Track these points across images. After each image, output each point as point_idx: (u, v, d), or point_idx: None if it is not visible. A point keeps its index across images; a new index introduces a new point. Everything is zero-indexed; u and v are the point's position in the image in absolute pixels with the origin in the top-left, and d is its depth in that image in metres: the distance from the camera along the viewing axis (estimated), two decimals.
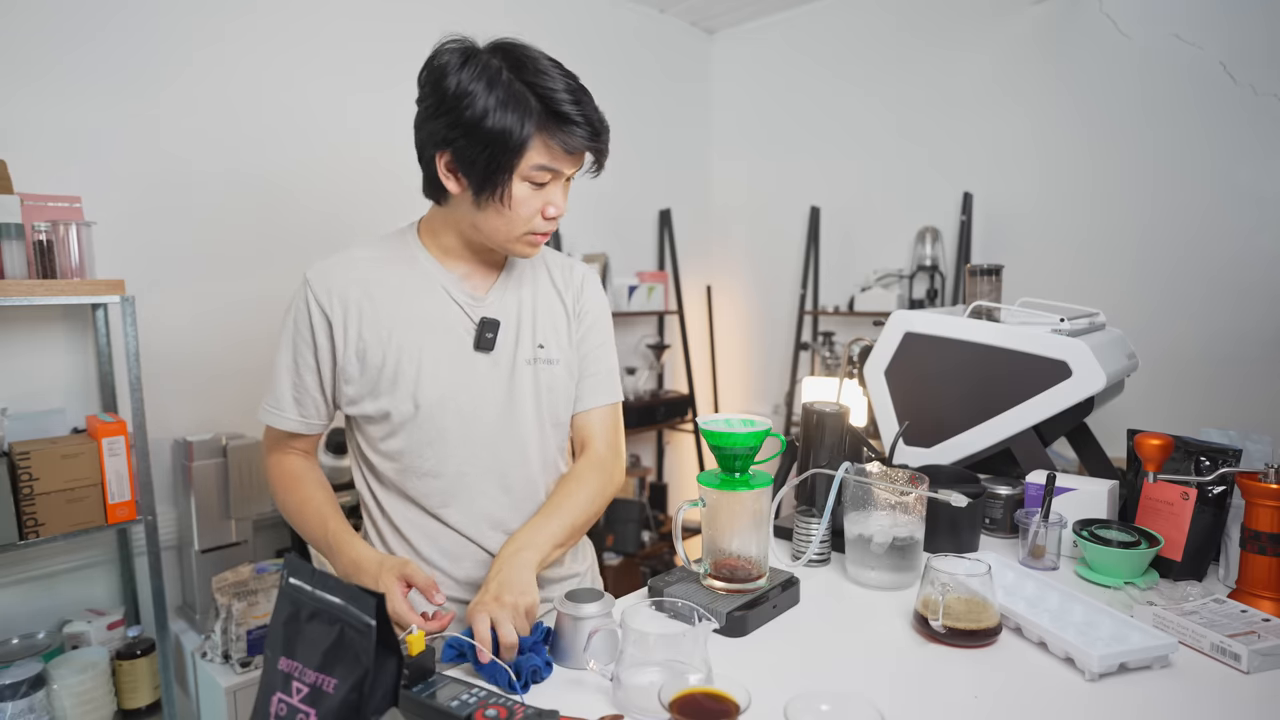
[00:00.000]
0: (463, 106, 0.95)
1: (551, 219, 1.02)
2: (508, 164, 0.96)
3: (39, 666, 1.61)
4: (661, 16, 3.28)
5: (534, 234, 1.02)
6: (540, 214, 1.00)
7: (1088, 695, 0.81)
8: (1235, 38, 2.22)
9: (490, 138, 0.94)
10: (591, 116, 0.98)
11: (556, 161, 0.98)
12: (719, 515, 0.99)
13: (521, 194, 0.98)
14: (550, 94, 0.95)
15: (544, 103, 0.95)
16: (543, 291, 1.13)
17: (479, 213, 1.01)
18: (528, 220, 1.00)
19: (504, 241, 1.03)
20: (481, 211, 1.00)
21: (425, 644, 0.76)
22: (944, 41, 2.82)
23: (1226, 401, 2.28)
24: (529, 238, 1.02)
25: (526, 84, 0.95)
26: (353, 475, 1.15)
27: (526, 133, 0.94)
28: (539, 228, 1.01)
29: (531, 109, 0.94)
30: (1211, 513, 1.11)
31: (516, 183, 0.97)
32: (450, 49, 1.00)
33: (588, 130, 0.97)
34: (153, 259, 1.99)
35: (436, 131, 0.99)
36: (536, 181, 0.98)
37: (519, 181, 0.97)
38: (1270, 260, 2.20)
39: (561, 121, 0.95)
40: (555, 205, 1.01)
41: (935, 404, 1.45)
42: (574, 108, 0.95)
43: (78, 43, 1.85)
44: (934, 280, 2.86)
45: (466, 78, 0.96)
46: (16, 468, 1.58)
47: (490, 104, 0.94)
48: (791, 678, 0.85)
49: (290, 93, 2.21)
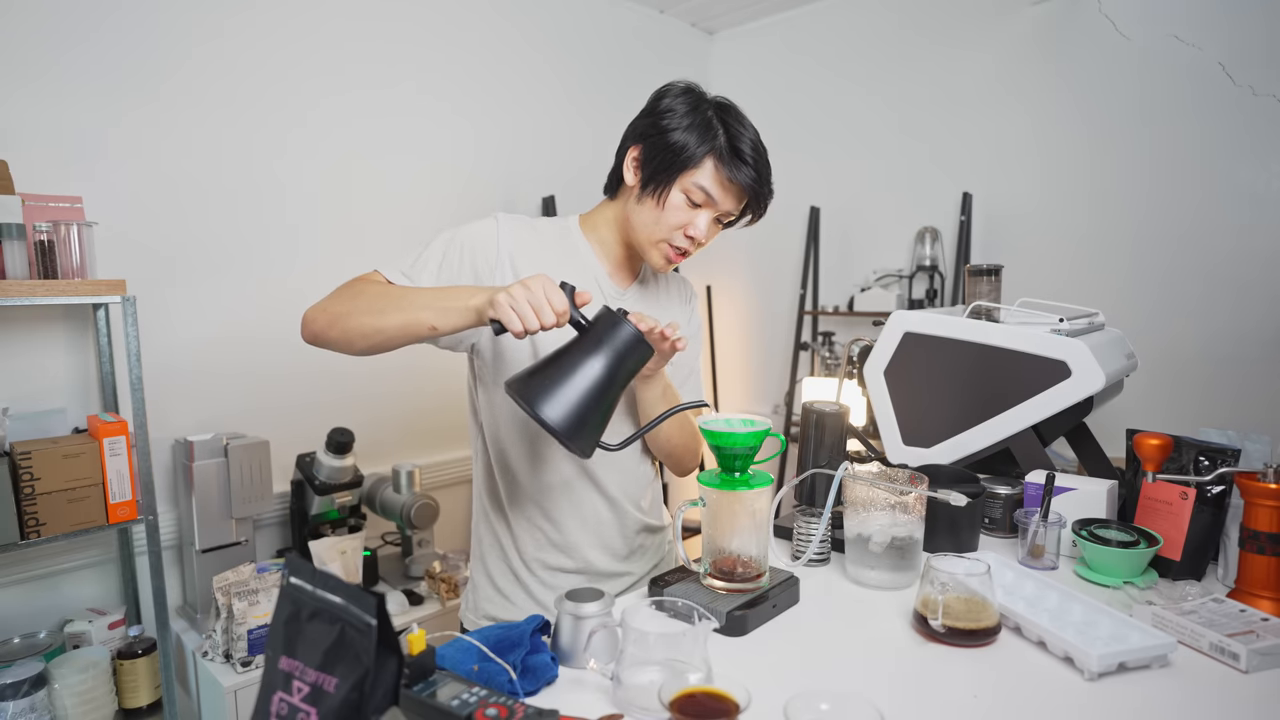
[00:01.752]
0: (663, 116, 1.11)
1: (690, 239, 1.12)
2: (677, 171, 1.09)
3: (40, 666, 1.61)
4: (661, 17, 3.29)
5: (671, 245, 1.13)
6: (683, 230, 1.11)
7: (1087, 694, 0.82)
8: (1234, 38, 2.22)
9: (673, 145, 1.09)
10: (762, 168, 1.12)
11: (716, 188, 1.09)
12: (719, 515, 0.99)
13: (676, 202, 1.10)
14: (737, 135, 1.09)
15: (728, 138, 1.09)
16: (668, 299, 1.28)
17: (638, 205, 1.13)
18: (671, 229, 1.11)
19: (645, 240, 1.14)
20: (640, 205, 1.12)
21: (425, 643, 0.76)
22: (943, 42, 2.83)
23: (1225, 401, 2.28)
24: (665, 248, 1.13)
25: (722, 121, 1.10)
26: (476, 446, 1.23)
27: (701, 152, 1.08)
28: (677, 241, 1.12)
29: (714, 137, 1.08)
30: (1210, 512, 1.11)
31: (676, 190, 1.09)
32: (681, 83, 1.15)
33: (754, 174, 1.10)
34: (154, 259, 2.00)
35: (639, 127, 1.14)
36: (693, 199, 1.10)
37: (678, 190, 1.09)
38: (1269, 260, 2.20)
39: (734, 156, 1.09)
40: (697, 228, 1.11)
41: (934, 404, 1.45)
42: (751, 153, 1.10)
43: (76, 41, 1.86)
44: (933, 280, 2.86)
45: (681, 101, 1.11)
46: (18, 467, 1.59)
47: (685, 122, 1.09)
48: (791, 677, 0.85)
49: (290, 91, 2.21)
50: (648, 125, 1.12)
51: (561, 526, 1.18)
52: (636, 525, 1.24)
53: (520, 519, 1.19)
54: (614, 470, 1.19)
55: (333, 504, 2.14)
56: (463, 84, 2.56)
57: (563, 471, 1.17)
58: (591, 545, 1.20)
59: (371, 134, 2.39)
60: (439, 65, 2.50)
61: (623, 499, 1.21)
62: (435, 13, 2.49)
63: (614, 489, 1.20)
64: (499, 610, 1.22)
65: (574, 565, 1.20)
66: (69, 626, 1.80)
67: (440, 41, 2.50)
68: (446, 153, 2.55)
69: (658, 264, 1.15)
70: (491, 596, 1.23)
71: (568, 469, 1.17)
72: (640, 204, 1.12)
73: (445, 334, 0.98)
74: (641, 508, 1.25)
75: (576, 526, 1.19)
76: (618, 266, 1.21)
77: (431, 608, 2.17)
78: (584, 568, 1.21)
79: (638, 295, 1.22)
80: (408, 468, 2.23)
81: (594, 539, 1.20)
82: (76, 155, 1.87)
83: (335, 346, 1.04)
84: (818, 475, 1.27)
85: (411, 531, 2.25)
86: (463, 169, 2.61)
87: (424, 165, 2.51)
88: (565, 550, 1.19)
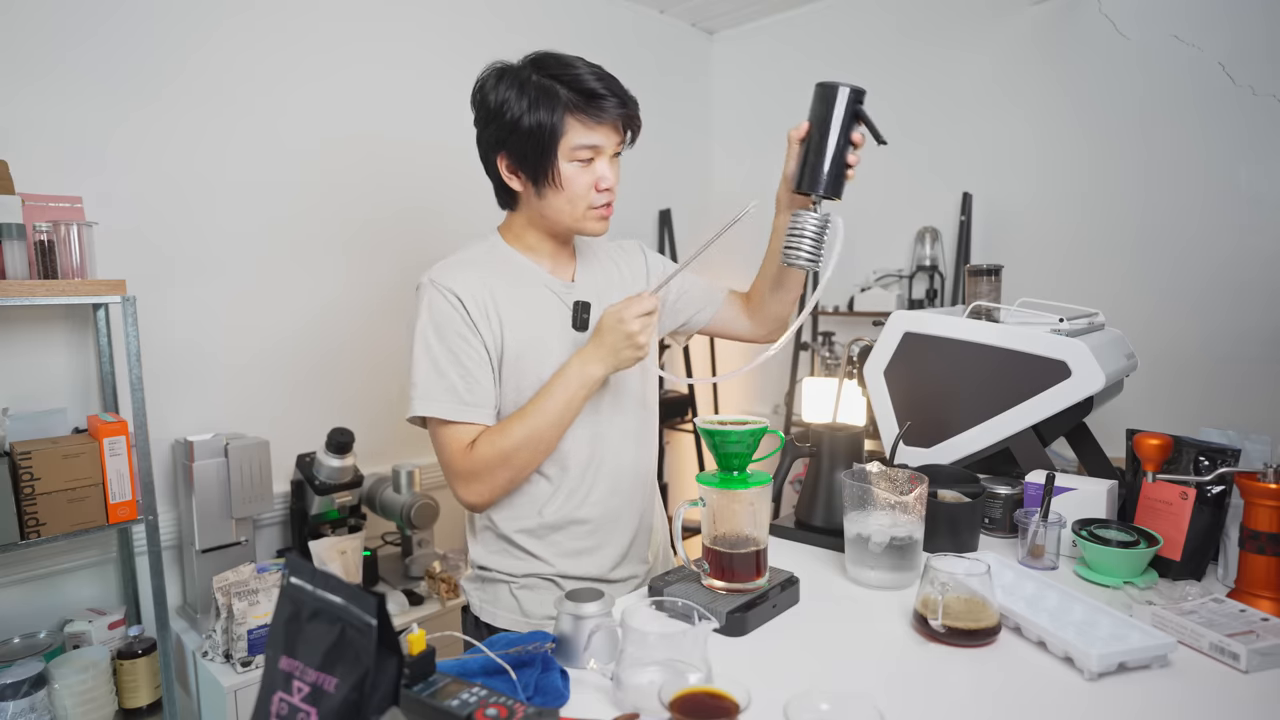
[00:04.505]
0: (504, 113, 1.08)
1: (605, 191, 1.12)
2: (551, 149, 1.08)
3: (40, 666, 1.61)
4: (661, 17, 3.29)
5: (593, 208, 1.12)
6: (594, 188, 1.11)
7: (1087, 694, 0.82)
8: (1234, 38, 2.22)
9: (531, 131, 1.07)
10: (616, 89, 1.09)
11: (593, 137, 1.08)
12: (719, 514, 0.99)
13: (570, 173, 1.09)
14: (575, 78, 1.07)
15: (570, 87, 1.06)
16: (614, 271, 1.28)
17: (543, 201, 1.12)
18: (585, 196, 1.11)
19: (572, 221, 1.13)
20: (544, 200, 1.12)
21: (425, 643, 0.76)
22: (943, 42, 2.82)
23: (1225, 401, 2.28)
24: (592, 212, 1.13)
25: (553, 77, 1.07)
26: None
27: (559, 117, 1.06)
28: (596, 201, 1.12)
29: (559, 96, 1.06)
30: (1210, 512, 1.11)
31: (563, 164, 1.08)
32: (487, 71, 1.13)
33: (614, 100, 1.08)
34: (154, 259, 2.00)
35: (489, 139, 1.13)
36: (581, 159, 1.09)
37: (565, 163, 1.08)
38: (1268, 260, 2.20)
39: (589, 98, 1.06)
40: (604, 178, 1.11)
41: (934, 404, 1.45)
42: (599, 84, 1.07)
43: (77, 42, 1.86)
44: (933, 280, 2.86)
45: (503, 88, 1.09)
46: (18, 467, 1.59)
47: (524, 104, 1.07)
48: (791, 677, 0.85)
49: (290, 91, 2.22)
50: (496, 130, 1.10)
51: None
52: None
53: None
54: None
55: (333, 504, 2.13)
56: (463, 84, 2.55)
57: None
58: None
59: (372, 134, 2.39)
60: (439, 65, 2.50)
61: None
62: (435, 14, 2.49)
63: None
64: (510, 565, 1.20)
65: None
66: (69, 626, 1.80)
67: (440, 41, 2.50)
68: (447, 153, 2.55)
69: (596, 229, 1.15)
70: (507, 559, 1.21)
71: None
72: (543, 198, 1.12)
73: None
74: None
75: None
76: (555, 263, 1.21)
77: (431, 608, 2.17)
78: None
79: (588, 282, 1.22)
80: (408, 468, 2.23)
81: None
82: (77, 155, 1.87)
83: (512, 486, 1.15)
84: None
85: (411, 531, 2.25)
86: (463, 169, 2.60)
87: (424, 165, 2.51)
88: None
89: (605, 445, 1.19)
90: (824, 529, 1.27)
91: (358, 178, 2.37)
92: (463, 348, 1.10)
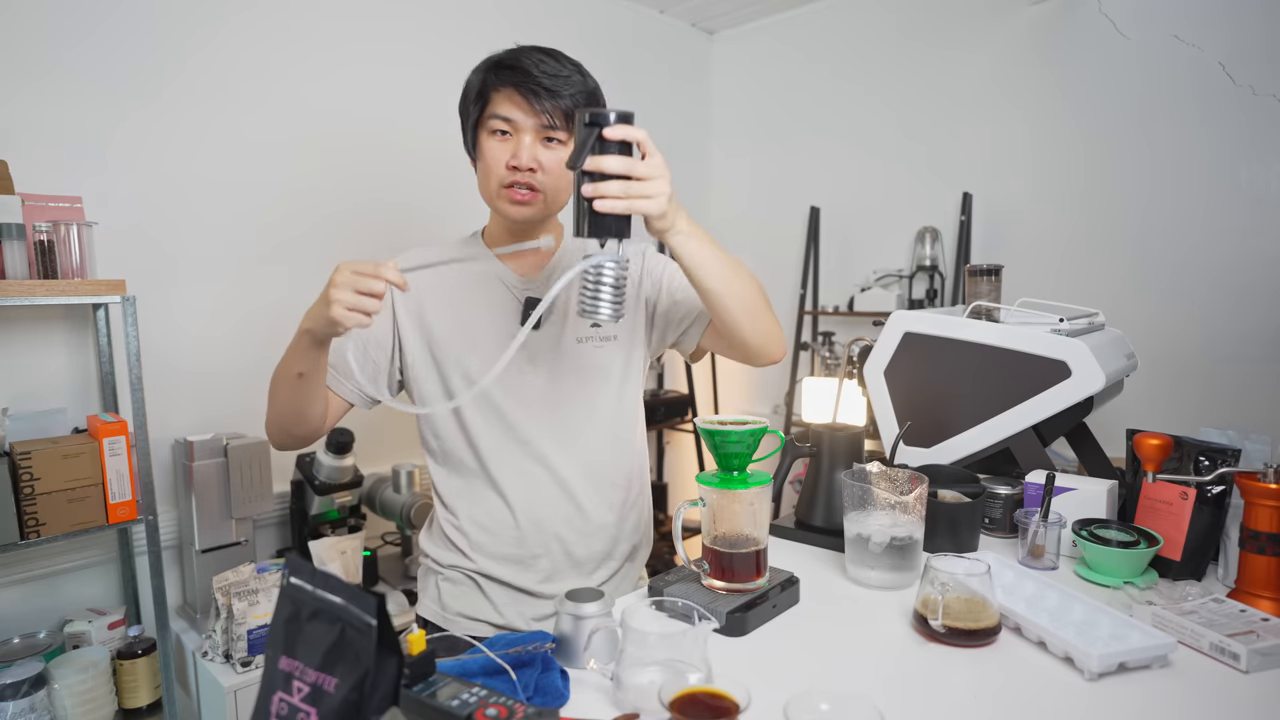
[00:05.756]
0: (464, 90, 1.12)
1: (515, 169, 1.07)
2: (473, 122, 1.10)
3: (40, 666, 1.61)
4: (661, 17, 3.28)
5: (504, 187, 1.09)
6: (505, 165, 1.07)
7: (1087, 694, 0.82)
8: (1234, 38, 2.22)
9: (464, 104, 1.11)
10: (547, 68, 1.05)
11: (507, 110, 1.06)
12: (718, 514, 0.99)
13: (488, 146, 1.09)
14: (513, 55, 1.07)
15: (490, 62, 1.08)
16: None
17: (477, 179, 1.14)
18: (496, 171, 1.08)
19: (490, 199, 1.12)
20: (477, 178, 1.13)
21: (425, 644, 0.76)
22: (943, 42, 2.82)
23: (1225, 401, 2.28)
24: (503, 192, 1.09)
25: (491, 59, 1.09)
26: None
27: (474, 90, 1.09)
28: (505, 179, 1.08)
29: (479, 72, 1.09)
30: (1210, 512, 1.11)
31: (483, 136, 1.09)
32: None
33: (539, 77, 1.04)
34: (153, 259, 2.00)
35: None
36: (496, 130, 1.08)
37: (485, 135, 1.09)
38: (1269, 260, 2.20)
39: (499, 68, 1.07)
40: (518, 157, 1.07)
41: (935, 404, 1.45)
42: (532, 63, 1.05)
43: (76, 41, 1.86)
44: (934, 280, 2.86)
45: (471, 74, 1.12)
46: (17, 467, 1.59)
47: (471, 77, 1.11)
48: (791, 678, 0.85)
49: (290, 90, 2.22)
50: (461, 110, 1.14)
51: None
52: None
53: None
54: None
55: (333, 504, 2.14)
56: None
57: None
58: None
59: (372, 133, 2.39)
60: (440, 64, 2.50)
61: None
62: (435, 13, 2.50)
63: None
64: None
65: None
66: (69, 626, 1.80)
67: (441, 41, 2.50)
68: (448, 153, 2.54)
69: (509, 212, 1.10)
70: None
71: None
72: (477, 176, 1.14)
73: (314, 371, 1.02)
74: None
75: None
76: (520, 260, 1.20)
77: None
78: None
79: (549, 278, 1.18)
80: (408, 468, 2.23)
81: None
82: (77, 155, 1.87)
83: (287, 441, 1.11)
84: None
85: (411, 531, 2.25)
86: (464, 169, 2.60)
87: (424, 164, 2.51)
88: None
89: (527, 446, 1.16)
90: (824, 529, 1.27)
91: (358, 177, 2.37)
92: (370, 329, 1.10)
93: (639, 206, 0.88)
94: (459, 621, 1.19)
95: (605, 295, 0.90)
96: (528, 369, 1.15)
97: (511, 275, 1.18)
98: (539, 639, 0.87)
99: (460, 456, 1.18)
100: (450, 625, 1.18)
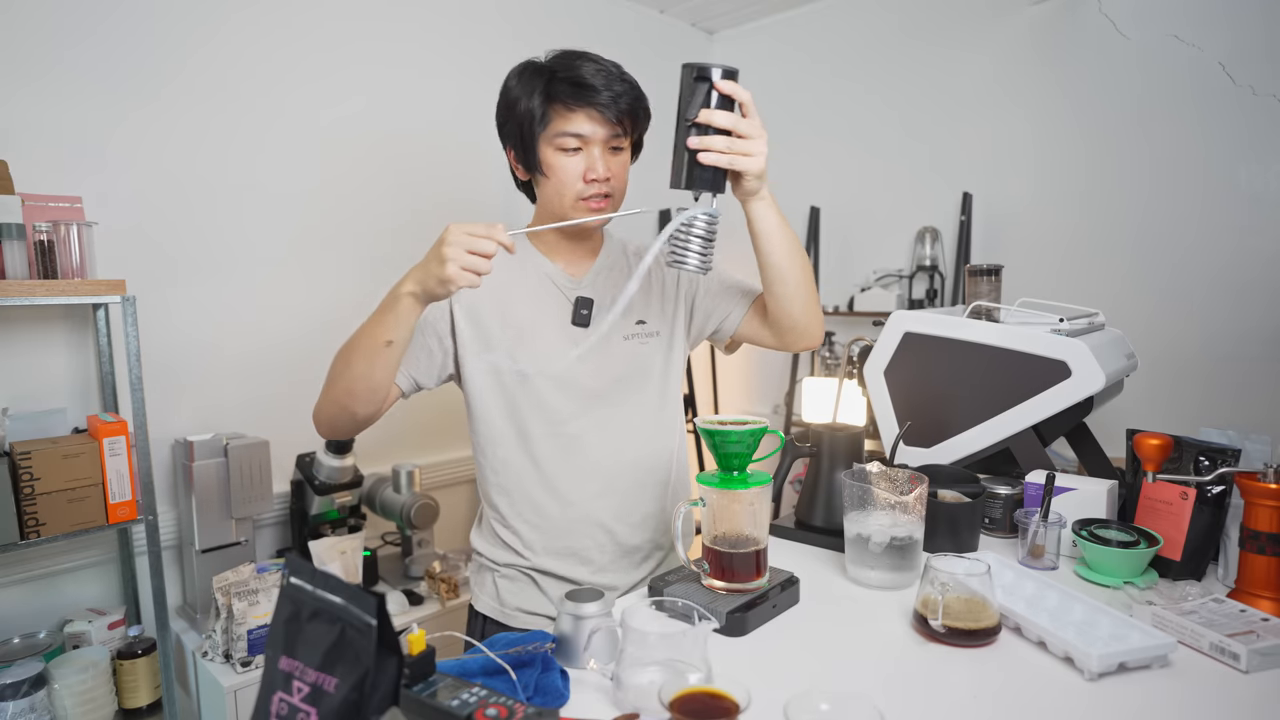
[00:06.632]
0: (503, 99, 1.11)
1: (594, 182, 1.09)
2: (531, 134, 1.08)
3: (40, 666, 1.61)
4: (661, 17, 3.28)
5: (583, 199, 1.10)
6: (582, 178, 1.09)
7: (1087, 695, 0.82)
8: (1234, 38, 2.22)
9: (518, 117, 1.09)
10: (611, 82, 1.06)
11: (574, 125, 1.07)
12: (719, 514, 0.99)
13: (556, 162, 1.09)
14: (565, 67, 1.06)
15: (560, 75, 1.06)
16: (652, 273, 1.24)
17: (541, 191, 1.14)
18: (573, 185, 1.09)
19: (562, 210, 1.12)
20: (542, 189, 1.13)
21: (425, 643, 0.76)
22: (943, 42, 2.82)
23: (1225, 401, 2.28)
24: (580, 204, 1.10)
25: (548, 67, 1.08)
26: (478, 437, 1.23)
27: (539, 105, 1.06)
28: (584, 192, 1.10)
29: (545, 83, 1.06)
30: (1210, 512, 1.11)
31: (549, 152, 1.09)
32: (517, 66, 1.12)
33: (605, 93, 1.05)
34: (154, 259, 2.00)
35: (500, 130, 1.14)
36: (565, 148, 1.08)
37: (549, 150, 1.08)
38: (1269, 260, 2.20)
39: (574, 86, 1.05)
40: (594, 169, 1.09)
41: (935, 404, 1.45)
42: (593, 75, 1.05)
43: (76, 41, 1.86)
44: (934, 280, 2.86)
45: (513, 78, 1.11)
46: (17, 467, 1.59)
47: (517, 91, 1.09)
48: (791, 678, 0.85)
49: (290, 90, 2.21)
50: (501, 122, 1.13)
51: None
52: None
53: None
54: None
55: (333, 504, 2.14)
56: (464, 84, 2.56)
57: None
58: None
59: (372, 133, 2.39)
60: (441, 64, 2.50)
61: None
62: (435, 13, 2.49)
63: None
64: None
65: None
66: (69, 626, 1.80)
67: (441, 41, 2.50)
68: (449, 152, 2.55)
69: (590, 220, 1.11)
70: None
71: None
72: (541, 187, 1.13)
73: (403, 338, 1.01)
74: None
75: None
76: (570, 260, 1.21)
77: (431, 608, 2.17)
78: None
79: (599, 282, 1.21)
80: (408, 468, 2.23)
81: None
82: (77, 155, 1.87)
83: (345, 423, 1.09)
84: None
85: (411, 531, 2.25)
86: (465, 169, 2.61)
87: (425, 164, 2.50)
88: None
89: (575, 441, 1.18)
90: (824, 529, 1.27)
91: (357, 177, 2.37)
92: (427, 314, 1.12)
93: (741, 164, 0.91)
94: (518, 616, 1.20)
95: (694, 246, 0.93)
96: (575, 365, 1.17)
97: (562, 275, 1.19)
98: (539, 639, 0.87)
99: (507, 454, 1.19)
100: (509, 620, 1.20)
